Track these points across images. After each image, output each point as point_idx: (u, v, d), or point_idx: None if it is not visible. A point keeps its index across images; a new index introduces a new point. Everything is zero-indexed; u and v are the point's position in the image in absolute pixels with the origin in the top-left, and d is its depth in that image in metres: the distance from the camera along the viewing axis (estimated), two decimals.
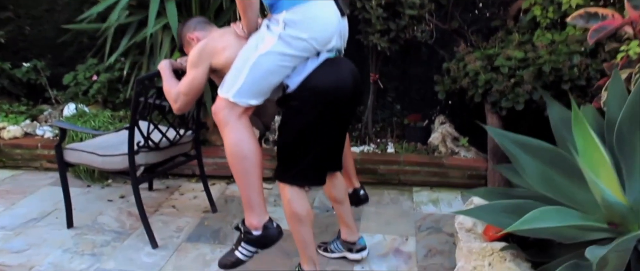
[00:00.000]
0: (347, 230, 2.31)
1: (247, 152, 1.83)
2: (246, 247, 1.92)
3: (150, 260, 2.37)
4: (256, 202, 1.86)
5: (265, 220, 1.89)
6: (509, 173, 2.24)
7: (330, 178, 2.14)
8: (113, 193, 3.11)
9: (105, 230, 2.66)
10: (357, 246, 2.31)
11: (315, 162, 1.93)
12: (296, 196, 1.94)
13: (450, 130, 3.35)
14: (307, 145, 1.89)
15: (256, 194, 1.86)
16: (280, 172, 1.96)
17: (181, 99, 2.03)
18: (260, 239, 1.89)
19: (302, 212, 1.94)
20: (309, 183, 2.00)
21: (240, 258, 1.93)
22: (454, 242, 2.51)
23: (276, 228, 1.90)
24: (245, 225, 1.90)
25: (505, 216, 1.86)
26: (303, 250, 2.02)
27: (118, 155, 2.43)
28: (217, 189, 3.19)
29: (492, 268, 1.94)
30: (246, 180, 1.85)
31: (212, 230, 2.67)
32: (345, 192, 2.25)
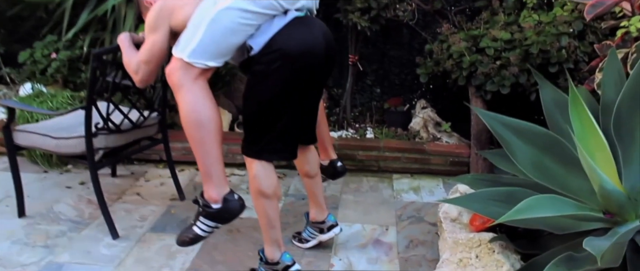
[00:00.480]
0: (316, 209, 2.16)
1: (203, 118, 1.65)
2: (205, 222, 1.74)
3: (109, 252, 2.17)
4: (215, 173, 1.69)
5: (225, 192, 1.71)
6: (495, 159, 2.11)
7: (302, 152, 1.99)
8: (72, 179, 2.89)
9: (61, 220, 2.44)
10: (326, 224, 2.16)
11: (284, 133, 1.77)
12: (263, 172, 1.77)
13: (432, 114, 3.22)
14: (275, 115, 1.72)
15: (214, 164, 1.68)
16: (246, 145, 1.79)
17: (142, 69, 1.83)
18: (220, 213, 1.71)
19: (268, 189, 1.79)
20: (277, 157, 1.83)
21: (198, 234, 1.75)
22: (437, 232, 2.38)
23: (238, 200, 1.73)
24: (204, 198, 1.72)
25: (495, 205, 1.73)
26: (267, 232, 1.86)
27: (74, 138, 2.21)
28: (186, 176, 2.99)
29: (480, 260, 1.81)
30: (203, 149, 1.66)
31: (178, 219, 2.48)
32: (318, 166, 2.11)
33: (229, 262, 2.12)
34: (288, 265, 1.87)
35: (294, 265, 1.88)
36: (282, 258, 1.87)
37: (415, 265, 2.13)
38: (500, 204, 1.71)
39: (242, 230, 2.37)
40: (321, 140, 2.18)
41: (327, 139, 2.21)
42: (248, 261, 2.12)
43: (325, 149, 2.22)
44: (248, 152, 1.79)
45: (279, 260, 1.87)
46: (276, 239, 1.87)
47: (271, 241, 1.87)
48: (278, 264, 1.87)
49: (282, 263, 1.87)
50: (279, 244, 1.88)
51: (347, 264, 2.12)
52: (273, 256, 1.88)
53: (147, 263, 2.11)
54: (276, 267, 1.87)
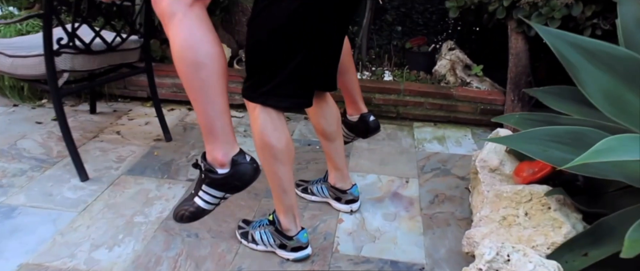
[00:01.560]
0: (337, 174, 1.76)
1: (202, 57, 1.18)
2: (209, 191, 1.30)
3: (74, 196, 1.81)
4: (220, 128, 1.25)
5: (233, 153, 1.27)
6: (548, 98, 1.70)
7: (318, 102, 1.57)
8: (45, 114, 2.52)
9: (24, 157, 2.08)
10: (347, 196, 1.77)
11: (298, 73, 1.34)
12: (271, 122, 1.37)
13: (461, 56, 2.78)
14: (289, 48, 1.30)
15: (220, 116, 1.24)
16: (249, 86, 1.38)
17: None
18: (227, 179, 1.27)
19: (278, 144, 1.38)
20: (289, 103, 1.40)
21: (201, 206, 1.31)
22: (467, 187, 1.99)
23: (250, 163, 1.29)
24: (207, 161, 1.28)
25: (557, 148, 1.32)
26: (279, 197, 1.47)
27: (33, 56, 1.82)
28: (175, 115, 2.61)
29: (530, 219, 1.42)
30: (204, 97, 1.21)
31: (162, 161, 2.10)
32: (338, 123, 1.68)
33: (216, 212, 1.73)
34: (301, 245, 1.50)
35: (306, 248, 1.52)
36: (299, 236, 1.50)
37: (442, 223, 1.75)
38: (565, 148, 1.31)
39: None
40: (348, 90, 1.76)
41: (355, 89, 1.78)
42: (239, 212, 1.76)
43: (354, 101, 1.79)
44: (251, 95, 1.38)
45: (294, 237, 1.50)
46: (290, 205, 1.49)
47: (284, 208, 1.49)
48: (291, 239, 1.50)
49: (296, 241, 1.50)
50: (295, 213, 1.50)
51: (359, 220, 1.75)
52: (288, 226, 1.51)
53: (117, 209, 1.75)
54: (287, 241, 1.50)
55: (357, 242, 1.62)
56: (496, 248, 1.25)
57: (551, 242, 1.34)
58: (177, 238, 1.60)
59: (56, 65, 1.81)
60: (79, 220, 1.67)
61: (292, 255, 1.50)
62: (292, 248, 1.50)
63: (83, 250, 1.53)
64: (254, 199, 1.84)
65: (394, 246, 1.62)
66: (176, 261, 1.49)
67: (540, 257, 1.21)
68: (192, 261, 1.50)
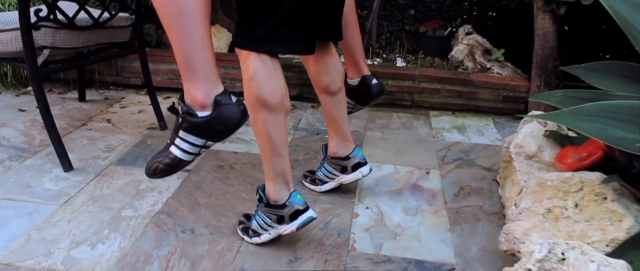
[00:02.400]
0: (338, 139, 1.56)
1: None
2: (187, 138, 1.10)
3: (55, 187, 1.61)
4: (200, 62, 1.05)
5: (217, 92, 1.09)
6: (591, 76, 1.49)
7: (320, 54, 1.39)
8: (29, 102, 2.32)
9: (3, 146, 1.88)
10: (351, 161, 1.56)
11: (296, 13, 1.17)
12: (264, 69, 1.18)
13: (480, 40, 2.58)
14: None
15: (199, 48, 1.05)
16: (240, 32, 1.20)
17: None
18: (209, 122, 1.08)
19: (273, 98, 1.19)
20: (286, 48, 1.22)
21: (177, 156, 1.12)
22: (494, 179, 1.79)
23: (236, 104, 1.10)
24: (185, 103, 1.09)
25: (618, 127, 1.12)
26: (269, 161, 1.27)
27: (8, 30, 1.62)
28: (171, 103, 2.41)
29: (581, 211, 1.21)
30: (180, 24, 1.02)
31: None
32: (342, 78, 1.48)
33: (215, 205, 1.55)
34: (298, 209, 1.28)
35: (306, 210, 1.30)
36: (291, 199, 1.29)
37: (471, 218, 1.54)
38: (626, 126, 1.11)
39: (236, 167, 1.79)
40: (349, 49, 1.57)
41: (357, 47, 1.58)
42: (241, 205, 1.56)
43: (355, 62, 1.60)
44: (243, 41, 1.20)
45: (287, 202, 1.29)
46: (282, 172, 1.28)
47: (275, 174, 1.28)
48: (284, 207, 1.29)
49: (290, 206, 1.28)
50: (287, 179, 1.30)
51: (377, 214, 1.54)
52: (278, 195, 1.29)
53: (103, 202, 1.54)
54: (281, 211, 1.29)
55: (375, 239, 1.42)
56: (548, 245, 1.04)
57: (610, 238, 1.13)
58: (170, 234, 1.40)
59: (35, 40, 1.61)
60: (59, 214, 1.47)
61: (293, 225, 1.28)
62: (289, 216, 1.28)
63: (61, 247, 1.32)
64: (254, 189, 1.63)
65: (418, 243, 1.41)
66: (169, 261, 1.29)
67: (603, 255, 1.01)
68: (187, 260, 1.29)
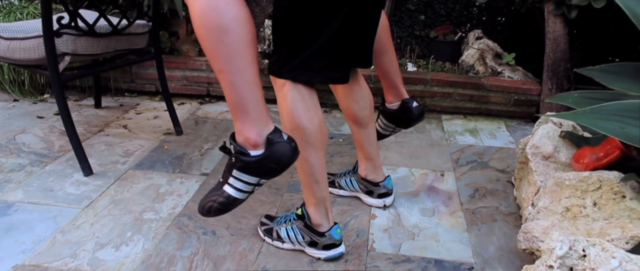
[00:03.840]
0: (369, 164, 1.57)
1: (229, 20, 0.99)
2: (241, 177, 1.09)
3: (77, 191, 1.64)
4: (252, 102, 1.05)
5: (268, 131, 1.07)
6: (606, 78, 1.51)
7: (349, 83, 1.39)
8: (47, 109, 2.35)
9: (23, 151, 1.91)
10: (380, 189, 1.59)
11: (331, 43, 1.17)
12: (302, 100, 1.20)
13: (491, 44, 2.60)
14: (320, 17, 1.13)
15: (249, 88, 1.04)
16: (277, 61, 1.20)
17: None
18: (262, 161, 1.07)
19: (311, 125, 1.20)
20: (323, 78, 1.23)
21: (232, 196, 1.10)
22: (509, 180, 1.80)
23: (288, 142, 1.09)
24: (237, 142, 1.08)
25: (636, 125, 1.13)
26: (310, 187, 1.29)
27: (31, 38, 1.66)
28: (186, 109, 2.44)
29: (600, 209, 1.23)
30: (231, 66, 1.02)
31: (173, 155, 1.93)
32: (371, 107, 1.49)
33: None
34: (334, 242, 1.31)
35: (340, 245, 1.33)
36: (332, 232, 1.32)
37: (488, 219, 1.56)
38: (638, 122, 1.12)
39: None
40: (387, 74, 1.54)
41: (395, 72, 1.56)
42: (260, 208, 1.58)
43: (394, 86, 1.57)
44: (279, 70, 1.20)
45: (327, 233, 1.31)
46: (323, 198, 1.30)
47: (316, 200, 1.30)
48: (323, 236, 1.31)
49: (329, 237, 1.31)
50: (327, 206, 1.32)
51: (394, 215, 1.56)
52: (319, 221, 1.32)
53: (125, 205, 1.57)
54: (319, 239, 1.32)
55: (394, 239, 1.44)
56: (569, 242, 1.06)
57: (630, 236, 1.14)
58: (192, 236, 1.42)
59: (57, 47, 1.65)
60: (82, 217, 1.50)
61: (324, 253, 1.32)
62: (324, 245, 1.31)
63: (87, 249, 1.35)
64: (276, 194, 1.66)
65: (436, 244, 1.43)
66: (192, 261, 1.31)
67: (624, 252, 1.02)
68: (209, 261, 1.31)
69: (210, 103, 2.53)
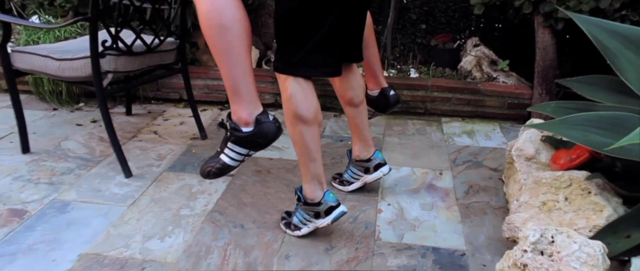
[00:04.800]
0: (361, 144, 1.82)
1: (228, 19, 1.30)
2: (234, 148, 1.42)
3: (121, 191, 1.89)
4: (244, 87, 1.35)
5: (257, 112, 1.40)
6: (582, 88, 1.73)
7: (345, 74, 1.65)
8: (84, 117, 2.60)
9: (69, 157, 2.16)
10: (373, 163, 1.82)
11: (326, 42, 1.42)
12: (301, 91, 1.44)
13: (487, 51, 2.82)
14: (317, 18, 1.38)
15: (244, 76, 1.35)
16: (280, 58, 1.46)
17: None
18: (251, 136, 1.40)
19: (307, 113, 1.45)
20: (318, 72, 1.49)
21: (226, 163, 1.43)
22: (500, 178, 2.03)
23: (273, 122, 1.41)
24: (232, 120, 1.40)
25: (598, 134, 1.36)
26: (306, 166, 1.53)
27: (79, 59, 1.90)
28: (208, 115, 2.68)
29: (570, 203, 1.45)
30: (228, 58, 1.33)
31: (200, 158, 2.17)
32: (363, 92, 1.75)
33: (258, 205, 1.81)
34: (332, 205, 1.54)
35: (338, 206, 1.55)
36: (325, 198, 1.54)
37: (479, 212, 1.79)
38: (604, 132, 1.35)
39: (273, 171, 2.05)
40: (369, 65, 1.83)
41: (376, 64, 1.85)
42: (281, 204, 1.81)
43: (375, 76, 1.87)
44: (281, 67, 1.46)
45: (322, 200, 1.54)
46: (317, 174, 1.54)
47: (311, 177, 1.54)
48: (320, 205, 1.55)
49: (324, 203, 1.54)
50: (321, 181, 1.56)
51: (398, 210, 1.80)
52: (314, 195, 1.55)
53: (164, 203, 1.81)
54: (317, 208, 1.55)
55: (397, 230, 1.67)
56: (540, 230, 1.28)
57: (593, 225, 1.37)
58: (224, 229, 1.66)
59: (101, 66, 1.89)
60: (129, 214, 1.74)
61: (328, 219, 1.54)
62: (325, 211, 1.54)
63: (136, 240, 1.59)
64: (292, 191, 1.89)
65: (433, 234, 1.66)
66: (226, 250, 1.55)
67: (585, 238, 1.25)
68: (241, 250, 1.55)
69: (229, 108, 2.77)
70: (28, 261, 1.48)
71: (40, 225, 1.66)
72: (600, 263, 1.18)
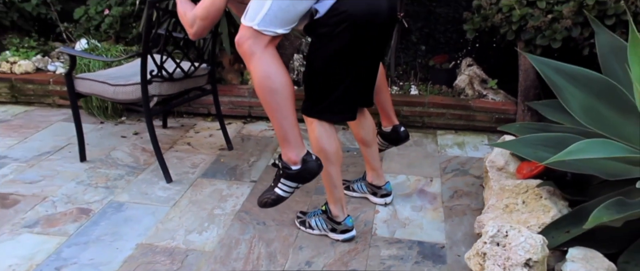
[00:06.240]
0: (373, 173, 2.19)
1: (277, 85, 1.64)
2: (286, 183, 1.75)
3: (164, 194, 2.29)
4: (292, 136, 1.70)
5: (303, 153, 1.72)
6: (545, 110, 2.09)
7: (359, 116, 2.00)
8: (126, 130, 3.02)
9: (119, 165, 2.58)
10: (382, 191, 2.20)
11: (346, 94, 1.78)
12: (325, 132, 1.81)
13: (478, 71, 3.18)
14: (338, 76, 1.74)
15: (291, 128, 1.69)
16: (308, 106, 1.82)
17: (198, 24, 1.85)
18: (299, 173, 1.72)
19: (330, 149, 1.82)
20: (339, 118, 1.86)
21: (280, 195, 1.77)
22: (481, 184, 2.39)
23: (315, 161, 1.74)
24: (283, 161, 1.73)
25: (545, 151, 1.72)
26: (331, 191, 1.91)
27: (130, 85, 2.32)
28: (233, 128, 3.08)
29: (526, 205, 1.82)
30: (279, 114, 1.68)
31: (228, 167, 2.57)
32: (373, 132, 2.12)
33: (277, 206, 2.19)
34: (348, 228, 1.93)
35: (352, 230, 1.94)
36: (346, 221, 1.94)
37: (460, 213, 2.15)
38: (550, 150, 1.71)
39: None
40: (383, 106, 2.18)
41: (388, 105, 2.20)
42: (296, 206, 2.20)
43: (388, 115, 2.21)
44: (309, 112, 1.82)
45: (342, 222, 1.94)
46: (339, 198, 1.93)
47: (335, 199, 1.93)
48: (339, 224, 1.94)
49: (343, 225, 1.93)
50: (342, 204, 1.94)
51: (392, 211, 2.17)
52: (337, 214, 1.94)
53: (200, 204, 2.21)
54: (337, 226, 1.94)
55: (390, 228, 2.05)
56: (497, 226, 1.65)
57: (541, 223, 1.73)
58: (250, 226, 2.05)
59: (149, 91, 2.30)
60: (172, 213, 2.15)
61: (341, 236, 1.93)
62: (341, 231, 1.93)
63: (180, 234, 1.99)
64: (307, 195, 2.28)
65: (420, 230, 2.03)
66: (251, 242, 1.94)
67: (530, 232, 1.61)
68: (263, 242, 1.95)
69: (251, 123, 3.18)
70: (97, 249, 1.89)
71: (103, 221, 2.08)
72: (539, 251, 1.54)
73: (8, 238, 1.95)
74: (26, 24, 3.73)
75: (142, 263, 1.82)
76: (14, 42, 3.53)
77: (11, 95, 3.38)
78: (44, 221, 2.06)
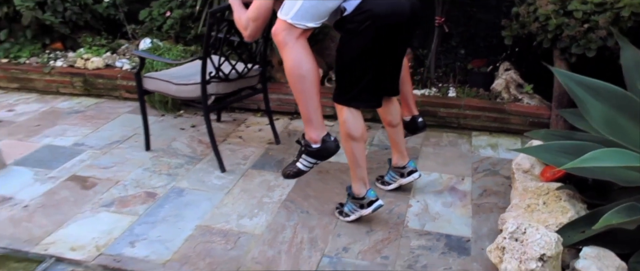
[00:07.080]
0: (398, 155, 2.41)
1: (305, 72, 1.94)
2: (306, 159, 2.07)
3: (219, 182, 2.57)
4: (315, 118, 2.00)
5: (323, 134, 2.02)
6: (573, 118, 2.23)
7: (386, 103, 2.23)
8: (185, 122, 3.34)
9: (179, 154, 2.88)
10: (407, 169, 2.40)
11: (371, 84, 2.02)
12: (352, 117, 2.05)
13: (514, 76, 3.30)
14: (364, 68, 1.99)
15: (314, 110, 1.99)
16: (338, 94, 2.07)
17: (251, 26, 2.14)
18: (319, 151, 2.04)
19: (356, 132, 2.05)
20: (365, 105, 2.10)
21: (301, 169, 2.10)
22: (510, 184, 2.55)
23: (333, 142, 2.04)
24: (306, 139, 2.05)
25: (565, 157, 1.87)
26: (354, 170, 2.13)
27: (191, 84, 2.60)
28: (280, 123, 3.34)
29: (546, 206, 1.98)
30: (305, 98, 1.97)
31: (275, 159, 2.83)
32: (399, 117, 2.34)
33: (319, 197, 2.44)
34: (372, 199, 2.15)
35: (377, 200, 2.15)
36: (367, 193, 2.15)
37: (487, 210, 2.33)
38: (569, 156, 1.86)
39: (331, 172, 2.68)
40: (404, 97, 2.40)
41: (410, 96, 2.43)
42: (335, 197, 2.43)
43: (408, 105, 2.44)
44: (339, 99, 2.07)
45: (365, 195, 2.15)
46: (362, 177, 2.15)
47: (358, 178, 2.15)
48: (363, 198, 2.15)
49: (367, 198, 2.15)
50: (365, 181, 2.16)
51: (424, 205, 2.37)
52: (359, 191, 2.16)
53: (250, 193, 2.48)
54: (362, 201, 2.16)
55: (421, 221, 2.25)
56: (517, 224, 1.82)
57: (559, 222, 1.89)
58: (294, 213, 2.30)
59: (207, 90, 2.58)
60: (226, 200, 2.42)
61: (369, 209, 2.15)
62: (367, 203, 2.15)
63: (233, 218, 2.27)
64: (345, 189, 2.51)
65: (448, 224, 2.22)
66: (296, 228, 2.19)
67: (546, 230, 1.78)
68: (306, 229, 2.19)
69: (298, 119, 3.43)
70: (163, 228, 2.19)
71: (167, 203, 2.38)
72: (553, 248, 1.71)
73: (90, 215, 2.28)
74: (97, 24, 4.11)
75: (201, 242, 2.10)
76: (87, 41, 3.92)
77: (84, 88, 3.76)
78: (118, 202, 2.38)
